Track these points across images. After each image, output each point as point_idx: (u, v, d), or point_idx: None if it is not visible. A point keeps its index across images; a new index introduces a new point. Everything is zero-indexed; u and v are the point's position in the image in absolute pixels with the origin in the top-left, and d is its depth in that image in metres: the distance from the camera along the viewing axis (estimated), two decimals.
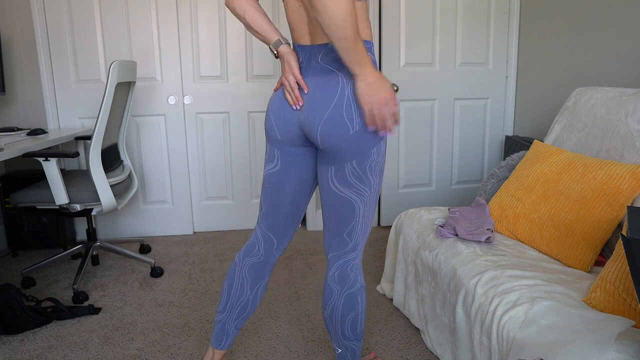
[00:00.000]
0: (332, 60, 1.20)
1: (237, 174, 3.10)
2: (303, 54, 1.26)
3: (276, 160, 1.36)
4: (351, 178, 1.25)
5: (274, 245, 1.45)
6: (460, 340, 1.49)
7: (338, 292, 1.35)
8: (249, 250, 1.46)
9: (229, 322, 1.46)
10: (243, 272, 1.44)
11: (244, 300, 1.44)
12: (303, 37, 1.26)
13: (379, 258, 2.65)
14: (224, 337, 1.47)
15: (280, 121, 1.30)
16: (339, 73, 1.20)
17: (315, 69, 1.23)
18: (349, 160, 1.23)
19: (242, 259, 1.45)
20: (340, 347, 1.41)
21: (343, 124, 1.19)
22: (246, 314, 1.47)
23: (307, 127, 1.24)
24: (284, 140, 1.32)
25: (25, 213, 2.77)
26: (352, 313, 1.35)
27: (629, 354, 1.00)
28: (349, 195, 1.27)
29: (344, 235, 1.33)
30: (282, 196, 1.38)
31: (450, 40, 3.02)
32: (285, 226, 1.43)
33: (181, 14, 2.85)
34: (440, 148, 3.17)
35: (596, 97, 1.88)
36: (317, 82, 1.22)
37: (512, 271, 1.43)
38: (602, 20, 2.30)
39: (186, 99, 2.95)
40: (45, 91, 2.80)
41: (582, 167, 1.61)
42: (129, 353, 1.79)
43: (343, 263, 1.36)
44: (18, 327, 1.92)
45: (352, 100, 1.18)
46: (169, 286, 2.35)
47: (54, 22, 2.75)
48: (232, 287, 1.44)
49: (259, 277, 1.44)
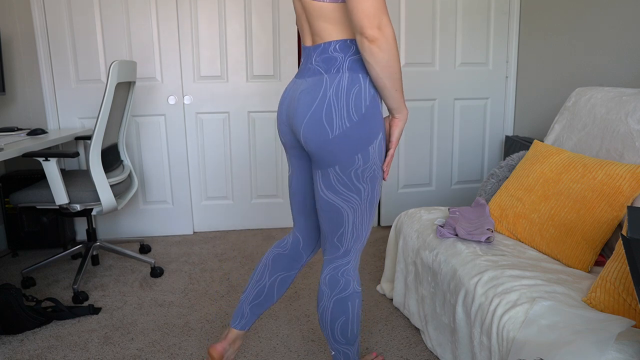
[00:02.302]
0: (322, 61, 1.19)
1: (237, 174, 3.10)
2: (304, 55, 1.27)
3: (290, 163, 1.41)
4: (336, 184, 1.23)
5: (300, 244, 1.49)
6: (460, 340, 1.49)
7: (328, 296, 1.34)
8: (280, 242, 1.53)
9: (246, 302, 1.51)
10: (268, 259, 1.51)
11: (261, 285, 1.49)
12: (306, 39, 1.26)
13: (379, 258, 2.65)
14: (239, 316, 1.51)
15: (281, 124, 1.33)
16: (324, 75, 1.18)
17: (310, 70, 1.23)
18: (331, 166, 1.20)
19: (272, 247, 1.54)
20: (333, 350, 1.41)
21: (322, 128, 1.17)
22: (261, 300, 1.50)
23: (293, 129, 1.25)
24: (286, 143, 1.35)
25: (25, 213, 2.77)
26: (341, 318, 1.34)
27: (629, 354, 1.00)
28: (335, 201, 1.25)
29: (335, 241, 1.32)
30: (298, 199, 1.43)
31: (450, 40, 3.02)
32: (310, 227, 1.47)
33: (181, 14, 2.85)
34: (440, 148, 3.17)
35: (596, 97, 1.88)
36: (305, 84, 1.22)
37: (512, 271, 1.43)
38: (602, 20, 2.30)
39: (186, 99, 2.95)
40: (45, 91, 2.80)
41: (582, 167, 1.61)
42: (129, 353, 1.79)
43: (334, 267, 1.35)
44: (18, 327, 1.92)
45: (333, 103, 1.16)
46: (169, 286, 2.35)
47: (54, 22, 2.75)
48: (256, 271, 1.52)
49: (281, 267, 1.49)
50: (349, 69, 1.17)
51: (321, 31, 1.18)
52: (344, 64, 1.17)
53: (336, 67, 1.17)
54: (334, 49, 1.18)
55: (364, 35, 1.07)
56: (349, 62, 1.17)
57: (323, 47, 1.19)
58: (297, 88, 1.25)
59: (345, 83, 1.16)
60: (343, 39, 1.17)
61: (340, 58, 1.17)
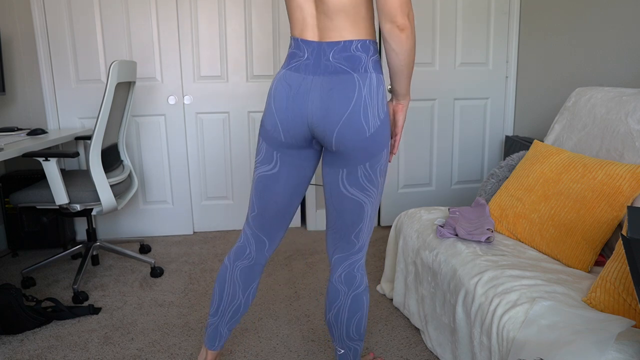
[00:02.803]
0: (345, 59, 1.17)
1: (237, 174, 3.10)
2: (309, 50, 1.19)
3: (274, 162, 1.31)
4: (363, 180, 1.25)
5: (265, 246, 1.42)
6: (460, 340, 1.49)
7: (345, 294, 1.34)
8: (240, 253, 1.43)
9: (222, 324, 1.46)
10: (234, 276, 1.42)
11: (236, 303, 1.44)
12: (308, 32, 1.19)
13: (379, 258, 2.65)
14: (217, 338, 1.47)
15: (287, 121, 1.23)
16: (353, 74, 1.17)
17: (327, 68, 1.17)
18: (362, 163, 1.22)
19: (232, 263, 1.43)
20: (343, 348, 1.41)
21: (360, 128, 1.18)
22: (238, 316, 1.47)
23: (320, 130, 1.20)
24: (287, 141, 1.26)
25: (25, 213, 2.77)
26: (358, 314, 1.36)
27: (629, 354, 1.00)
28: (359, 197, 1.27)
29: (352, 237, 1.33)
30: (277, 199, 1.35)
31: (450, 40, 3.02)
32: (279, 227, 1.41)
33: (181, 14, 2.85)
34: (440, 148, 3.17)
35: (596, 97, 1.88)
36: (331, 83, 1.17)
37: (512, 271, 1.43)
38: (602, 20, 2.30)
39: (186, 99, 2.95)
40: (45, 91, 2.80)
41: (582, 167, 1.61)
42: (129, 353, 1.79)
43: (350, 264, 1.35)
44: (18, 327, 1.92)
45: (368, 102, 1.18)
46: (169, 286, 2.35)
47: (54, 22, 2.75)
48: (224, 291, 1.43)
49: (250, 280, 1.43)
50: (373, 69, 1.20)
51: (339, 27, 1.16)
52: (368, 64, 1.19)
53: (363, 67, 1.18)
54: (356, 49, 1.17)
55: (395, 24, 1.10)
56: (372, 63, 1.19)
57: (344, 45, 1.16)
58: (315, 86, 1.18)
59: (374, 83, 1.19)
60: (362, 39, 1.18)
61: (364, 58, 1.18)
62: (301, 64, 1.21)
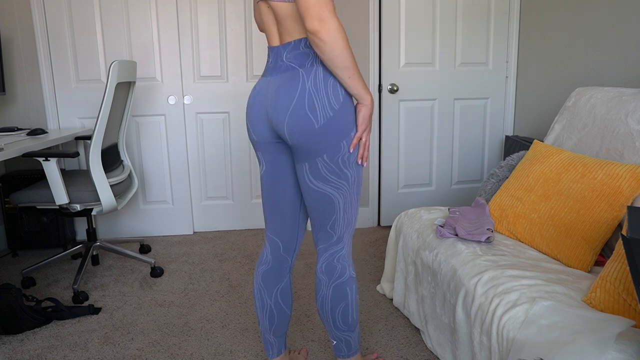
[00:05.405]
0: (294, 57, 1.22)
1: (237, 174, 3.10)
2: (272, 55, 1.28)
3: (262, 162, 1.39)
4: (325, 173, 1.27)
5: (280, 248, 1.46)
6: (460, 340, 1.49)
7: (326, 284, 1.38)
8: (261, 258, 1.50)
9: (266, 332, 1.50)
10: (258, 280, 1.48)
11: (267, 309, 1.47)
12: (273, 39, 1.28)
13: (379, 258, 2.65)
14: (269, 346, 1.51)
15: (254, 120, 1.32)
16: (299, 69, 1.22)
17: (280, 68, 1.25)
18: (319, 155, 1.24)
19: (257, 269, 1.50)
20: (335, 339, 1.44)
21: (307, 119, 1.20)
22: (277, 322, 1.48)
23: (274, 124, 1.26)
24: (259, 139, 1.34)
25: (25, 213, 2.77)
26: (341, 304, 1.38)
27: (629, 354, 1.00)
28: (326, 190, 1.29)
29: (328, 229, 1.36)
30: (275, 196, 1.41)
31: (450, 40, 3.02)
32: (286, 227, 1.44)
33: (181, 14, 2.85)
34: (440, 148, 3.17)
35: (596, 97, 1.88)
36: (281, 80, 1.24)
37: (512, 271, 1.43)
38: (602, 20, 2.30)
39: (186, 99, 2.95)
40: (45, 91, 2.80)
41: (582, 167, 1.61)
42: (129, 353, 1.79)
43: (330, 255, 1.39)
44: (18, 327, 1.92)
45: (313, 94, 1.20)
46: (169, 286, 2.35)
47: (54, 22, 2.75)
48: (256, 298, 1.49)
49: (273, 283, 1.46)
50: (321, 63, 1.22)
51: (290, 30, 1.22)
52: (315, 59, 1.22)
53: (309, 62, 1.21)
54: (305, 45, 1.22)
55: (306, 28, 1.12)
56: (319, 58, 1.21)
57: (294, 44, 1.22)
58: (271, 85, 1.26)
59: (321, 75, 1.21)
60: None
61: (311, 54, 1.22)
62: (267, 68, 1.31)
